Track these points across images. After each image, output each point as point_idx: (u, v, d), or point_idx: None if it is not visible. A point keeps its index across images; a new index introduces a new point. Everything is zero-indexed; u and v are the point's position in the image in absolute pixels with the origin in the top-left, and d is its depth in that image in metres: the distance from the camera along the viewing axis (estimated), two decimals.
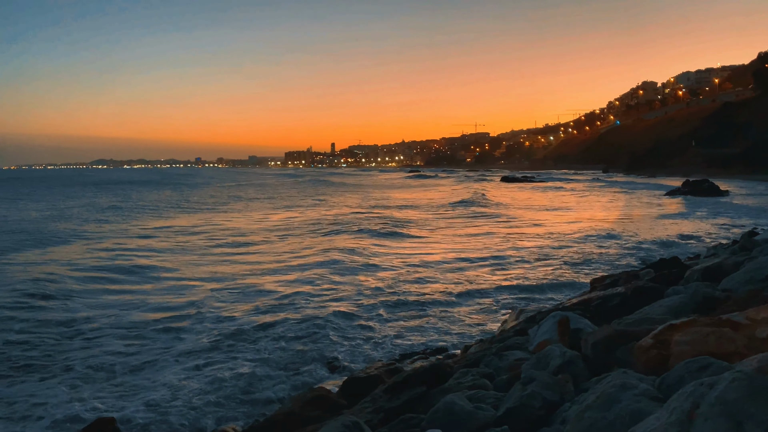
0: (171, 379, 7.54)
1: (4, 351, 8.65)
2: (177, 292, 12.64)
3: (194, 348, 8.79)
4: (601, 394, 2.73)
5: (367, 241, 20.26)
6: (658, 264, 9.65)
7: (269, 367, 7.90)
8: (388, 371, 6.34)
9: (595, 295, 7.24)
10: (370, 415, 4.33)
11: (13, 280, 13.51)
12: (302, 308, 10.86)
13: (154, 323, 10.11)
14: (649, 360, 3.26)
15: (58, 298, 11.89)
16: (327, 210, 36.35)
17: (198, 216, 34.00)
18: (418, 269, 14.80)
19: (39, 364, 8.23)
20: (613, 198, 44.53)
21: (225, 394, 7.02)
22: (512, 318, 8.93)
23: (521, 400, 3.25)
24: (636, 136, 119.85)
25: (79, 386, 7.42)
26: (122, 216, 33.23)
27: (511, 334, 6.42)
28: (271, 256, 17.62)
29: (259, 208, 39.83)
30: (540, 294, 11.88)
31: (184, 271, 15.31)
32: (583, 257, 16.06)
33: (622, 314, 5.69)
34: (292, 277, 14.06)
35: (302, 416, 5.25)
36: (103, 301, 11.95)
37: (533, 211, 33.44)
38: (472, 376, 4.34)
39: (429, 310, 10.82)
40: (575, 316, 5.13)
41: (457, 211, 33.95)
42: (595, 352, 3.85)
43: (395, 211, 33.99)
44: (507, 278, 13.45)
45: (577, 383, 3.55)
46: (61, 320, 10.36)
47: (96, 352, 8.71)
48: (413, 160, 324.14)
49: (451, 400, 3.38)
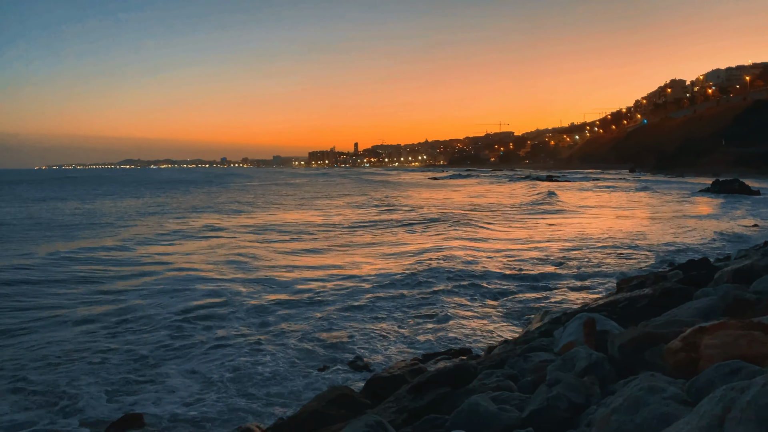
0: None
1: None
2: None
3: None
4: (629, 396, 2.69)
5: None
6: (687, 265, 9.47)
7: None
8: (412, 371, 6.34)
9: (622, 297, 7.14)
10: (393, 414, 4.33)
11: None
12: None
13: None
14: (677, 363, 3.21)
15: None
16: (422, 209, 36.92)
17: (304, 212, 35.74)
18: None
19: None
20: (640, 197, 43.86)
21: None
22: (537, 319, 8.86)
23: (546, 402, 3.22)
24: (664, 135, 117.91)
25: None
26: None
27: (536, 336, 6.36)
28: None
29: (345, 206, 41.27)
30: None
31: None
32: (608, 258, 15.84)
33: (650, 316, 5.59)
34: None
35: (326, 415, 5.28)
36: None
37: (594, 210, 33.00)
38: (497, 377, 4.31)
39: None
40: (601, 318, 5.06)
41: (538, 207, 35.78)
42: (622, 354, 3.79)
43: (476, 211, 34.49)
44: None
45: (604, 385, 3.51)
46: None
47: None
48: (436, 159, 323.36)
49: (475, 401, 3.36)
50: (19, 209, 38.63)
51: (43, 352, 8.64)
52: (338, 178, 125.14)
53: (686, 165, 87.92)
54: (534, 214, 31.16)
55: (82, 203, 45.38)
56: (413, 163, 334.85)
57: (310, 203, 44.73)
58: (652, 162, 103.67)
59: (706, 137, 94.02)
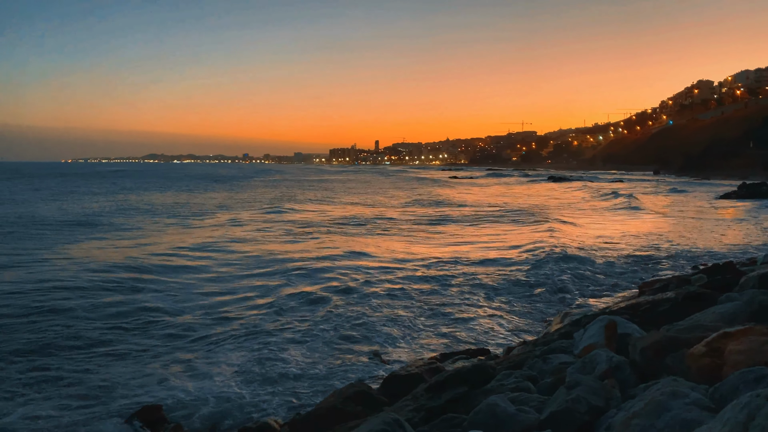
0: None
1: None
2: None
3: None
4: (650, 401, 2.66)
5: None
6: (711, 269, 9.32)
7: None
8: (429, 370, 6.33)
9: (644, 300, 7.04)
10: (411, 413, 4.33)
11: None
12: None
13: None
14: (701, 368, 3.16)
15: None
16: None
17: (384, 208, 36.31)
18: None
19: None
20: (666, 199, 43.21)
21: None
22: (557, 321, 8.79)
23: (566, 404, 3.19)
24: (690, 137, 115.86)
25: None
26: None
27: (556, 337, 6.31)
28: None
29: (413, 203, 42.13)
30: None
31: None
32: (631, 261, 15.65)
33: (672, 320, 5.51)
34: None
35: (343, 411, 5.30)
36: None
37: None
38: (515, 378, 4.28)
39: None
40: (623, 321, 5.00)
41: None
42: (644, 358, 3.75)
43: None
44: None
45: (624, 389, 3.47)
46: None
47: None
48: (457, 158, 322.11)
49: (493, 402, 3.35)
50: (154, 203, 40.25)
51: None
52: (368, 175, 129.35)
53: (713, 167, 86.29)
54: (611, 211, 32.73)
55: (229, 193, 49.37)
56: (434, 162, 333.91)
57: (380, 201, 44.98)
58: (678, 164, 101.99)
59: (734, 139, 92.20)
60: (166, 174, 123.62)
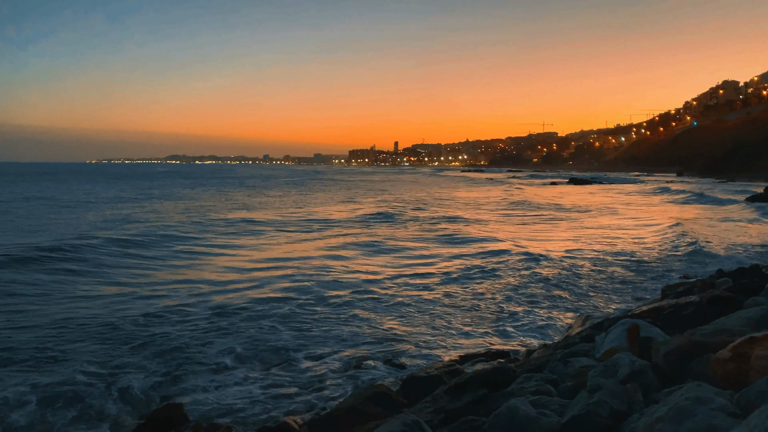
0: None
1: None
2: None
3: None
4: (674, 406, 2.62)
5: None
6: (737, 273, 9.17)
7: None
8: (449, 372, 6.32)
9: (667, 303, 6.95)
10: (430, 415, 4.32)
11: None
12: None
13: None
14: (726, 373, 3.11)
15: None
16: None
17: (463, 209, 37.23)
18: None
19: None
20: (689, 201, 42.54)
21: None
22: (578, 324, 8.71)
23: (587, 408, 3.16)
24: (714, 138, 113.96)
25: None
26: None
27: (577, 341, 6.25)
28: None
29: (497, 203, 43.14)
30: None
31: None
32: (652, 264, 15.45)
33: (696, 324, 5.42)
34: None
35: (363, 412, 5.31)
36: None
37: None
38: (536, 381, 4.25)
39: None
40: (646, 324, 4.93)
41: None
42: (668, 363, 3.70)
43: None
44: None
45: (647, 394, 3.43)
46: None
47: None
48: (477, 159, 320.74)
49: (514, 405, 3.33)
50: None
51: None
52: (398, 175, 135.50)
53: (737, 169, 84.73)
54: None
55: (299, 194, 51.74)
56: (453, 163, 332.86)
57: (471, 200, 45.32)
58: (701, 165, 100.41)
59: (760, 141, 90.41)
60: (215, 174, 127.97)
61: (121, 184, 73.41)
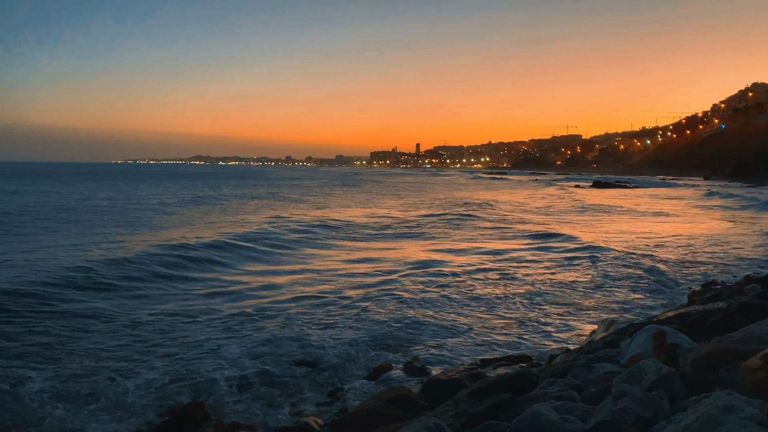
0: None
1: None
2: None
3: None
4: (703, 414, 2.57)
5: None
6: (766, 279, 8.98)
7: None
8: (470, 376, 6.29)
9: (694, 309, 6.83)
10: (452, 418, 4.30)
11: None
12: None
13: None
14: (756, 382, 3.04)
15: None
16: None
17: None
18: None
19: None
20: (717, 205, 41.79)
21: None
22: (601, 329, 8.61)
23: (612, 415, 3.11)
24: (743, 142, 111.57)
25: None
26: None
27: (601, 346, 6.17)
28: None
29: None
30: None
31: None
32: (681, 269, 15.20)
33: (724, 331, 5.32)
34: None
35: (383, 414, 5.31)
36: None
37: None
38: (559, 386, 4.21)
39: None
40: (672, 331, 4.85)
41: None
42: (695, 370, 3.63)
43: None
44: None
45: (674, 401, 3.36)
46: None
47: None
48: (499, 161, 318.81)
49: (537, 410, 3.29)
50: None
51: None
52: (430, 177, 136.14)
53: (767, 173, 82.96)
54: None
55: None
56: (475, 165, 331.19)
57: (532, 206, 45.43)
58: (729, 169, 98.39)
59: None
60: (252, 175, 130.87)
61: (174, 184, 74.52)
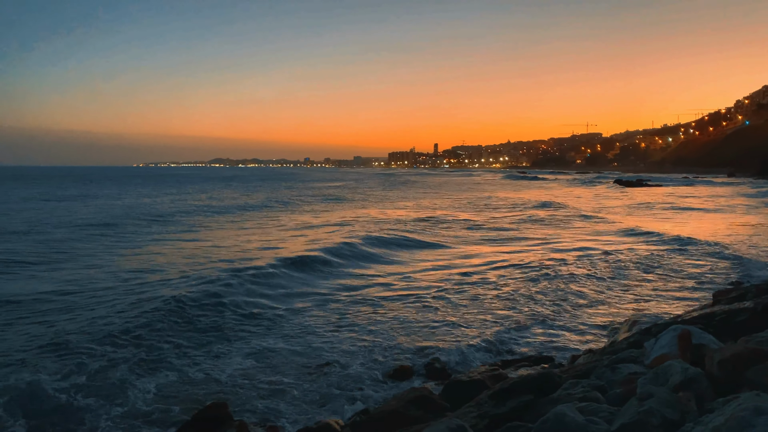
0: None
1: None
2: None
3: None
4: (731, 416, 2.53)
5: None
6: None
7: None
8: (492, 377, 6.26)
9: (719, 309, 6.71)
10: (474, 419, 4.28)
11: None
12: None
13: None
14: None
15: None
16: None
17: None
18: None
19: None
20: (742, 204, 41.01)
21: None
22: (624, 329, 8.51)
23: (638, 416, 3.08)
24: None
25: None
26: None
27: (624, 347, 6.10)
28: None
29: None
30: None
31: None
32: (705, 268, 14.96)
33: (751, 331, 5.23)
34: None
35: (405, 415, 5.30)
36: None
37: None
38: (583, 387, 4.16)
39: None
40: (697, 331, 4.78)
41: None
42: (722, 371, 3.57)
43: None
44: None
45: (701, 403, 3.31)
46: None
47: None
48: (518, 161, 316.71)
49: (561, 411, 3.26)
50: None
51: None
52: (458, 178, 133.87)
53: None
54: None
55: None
56: (494, 164, 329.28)
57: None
58: (755, 166, 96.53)
59: None
60: (283, 177, 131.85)
61: (222, 187, 75.18)
